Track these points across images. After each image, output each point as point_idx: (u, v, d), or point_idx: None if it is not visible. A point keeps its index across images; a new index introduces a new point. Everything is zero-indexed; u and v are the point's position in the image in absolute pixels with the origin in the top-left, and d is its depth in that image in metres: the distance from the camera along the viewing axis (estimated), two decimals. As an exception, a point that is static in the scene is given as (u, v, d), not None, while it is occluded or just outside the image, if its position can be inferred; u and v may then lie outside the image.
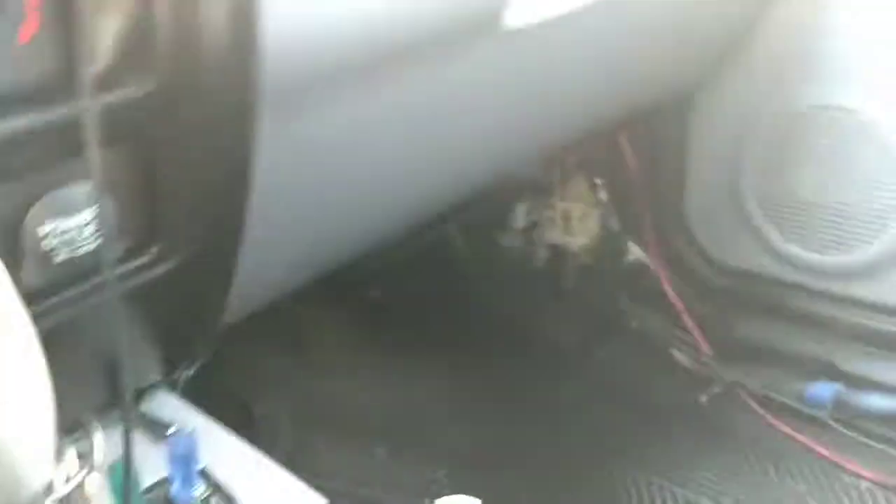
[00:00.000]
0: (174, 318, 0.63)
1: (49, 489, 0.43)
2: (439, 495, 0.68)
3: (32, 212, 0.50)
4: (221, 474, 0.61)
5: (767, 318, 1.34)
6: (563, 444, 1.26)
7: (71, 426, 0.46)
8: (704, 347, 1.36)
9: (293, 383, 1.28)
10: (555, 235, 1.49)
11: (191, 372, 0.80)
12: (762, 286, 1.34)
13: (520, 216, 1.50)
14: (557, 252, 1.49)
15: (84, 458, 0.45)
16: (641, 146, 1.39)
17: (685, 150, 1.37)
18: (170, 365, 0.72)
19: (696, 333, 1.36)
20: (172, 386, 0.76)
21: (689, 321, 1.37)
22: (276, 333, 1.24)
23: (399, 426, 1.28)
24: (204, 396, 0.82)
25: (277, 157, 0.64)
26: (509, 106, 0.92)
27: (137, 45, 0.50)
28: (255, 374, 1.24)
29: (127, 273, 0.55)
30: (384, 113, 0.76)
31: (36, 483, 0.42)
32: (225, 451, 0.64)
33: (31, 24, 0.48)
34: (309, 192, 0.74)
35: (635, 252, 1.44)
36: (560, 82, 0.98)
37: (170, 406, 0.72)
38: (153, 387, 0.72)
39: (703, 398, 1.31)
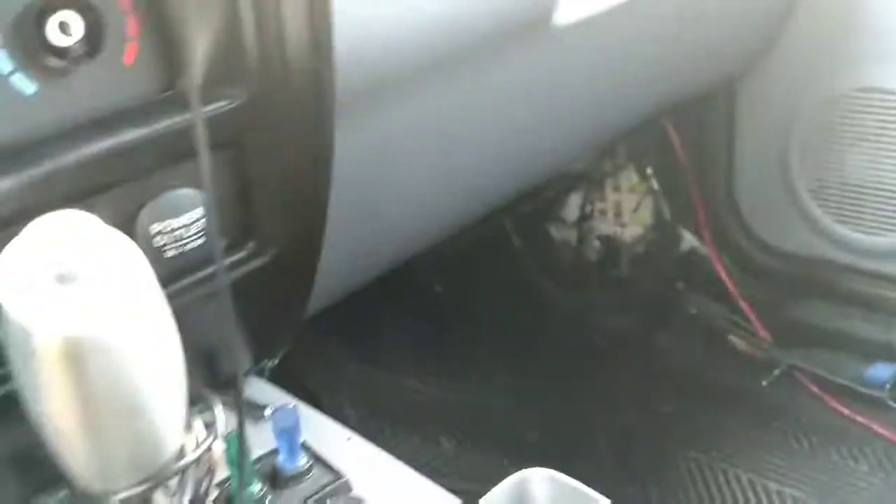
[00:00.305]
0: (264, 310, 0.69)
1: (181, 453, 0.49)
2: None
3: (144, 212, 0.57)
4: (318, 448, 0.67)
5: (823, 301, 1.36)
6: (626, 431, 1.30)
7: (192, 400, 0.52)
8: (761, 332, 1.39)
9: (359, 375, 1.34)
10: (607, 226, 1.53)
11: (275, 361, 0.86)
12: (816, 269, 1.36)
13: (572, 208, 1.55)
14: (610, 242, 1.53)
15: (209, 427, 0.52)
16: (689, 134, 1.43)
17: (733, 136, 1.39)
18: (258, 354, 0.78)
19: (753, 318, 1.39)
20: (259, 374, 0.82)
21: (745, 306, 1.40)
22: (342, 327, 1.30)
23: (462, 417, 1.32)
24: (278, 386, 0.88)
25: (350, 155, 0.70)
26: (561, 100, 0.97)
27: (229, 60, 0.56)
28: (323, 367, 1.30)
29: (227, 267, 0.62)
30: (445, 110, 0.81)
31: (171, 448, 0.48)
32: (317, 428, 0.71)
33: (132, 48, 0.54)
34: (379, 188, 0.80)
35: (688, 240, 1.48)
36: (609, 75, 1.03)
37: (261, 390, 0.78)
38: (245, 374, 0.78)
39: (763, 382, 1.33)
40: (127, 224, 0.56)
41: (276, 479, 0.65)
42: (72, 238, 0.40)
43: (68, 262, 0.39)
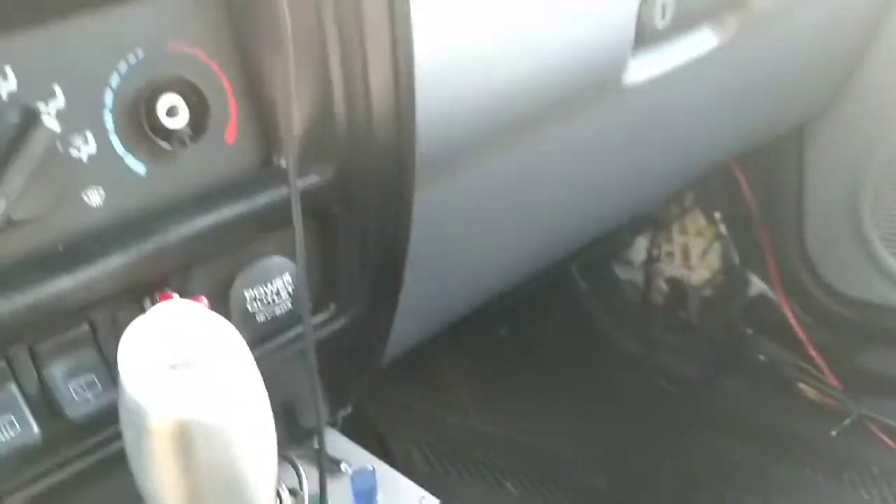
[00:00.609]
0: (342, 365, 0.73)
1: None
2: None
3: (238, 280, 0.61)
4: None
5: (894, 349, 1.36)
6: (691, 479, 1.31)
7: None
8: (831, 380, 1.39)
9: (425, 419, 1.37)
10: (674, 269, 1.54)
11: (348, 412, 0.90)
12: (887, 317, 1.36)
13: (639, 250, 1.57)
14: (677, 286, 1.55)
15: (294, 494, 0.56)
16: (758, 178, 1.44)
17: (802, 181, 1.40)
18: (334, 407, 0.82)
19: (823, 366, 1.40)
20: (332, 425, 0.86)
21: (814, 353, 1.41)
22: (409, 372, 1.34)
23: (527, 460, 1.35)
24: (348, 432, 0.92)
25: (426, 214, 0.74)
26: (632, 153, 1.00)
27: (320, 138, 0.60)
28: (390, 411, 1.34)
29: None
30: (519, 168, 0.85)
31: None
32: (391, 485, 0.74)
33: (233, 127, 0.59)
34: (453, 244, 0.83)
35: (757, 285, 1.49)
36: (679, 127, 1.06)
37: (334, 442, 0.82)
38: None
39: (832, 432, 1.34)
40: (223, 291, 0.61)
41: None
42: (185, 326, 0.44)
43: (181, 349, 0.43)
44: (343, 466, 0.78)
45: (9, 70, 0.49)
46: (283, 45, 0.53)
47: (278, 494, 0.54)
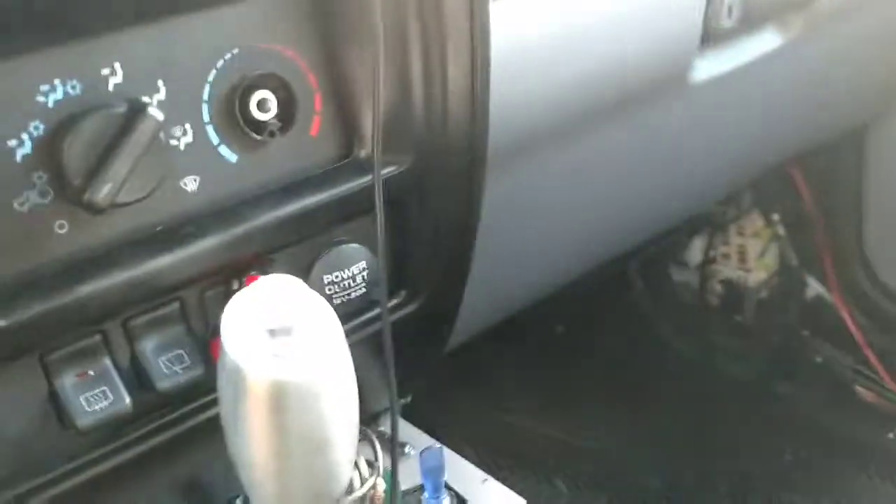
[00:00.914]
0: (408, 351, 0.77)
1: (350, 489, 0.57)
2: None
3: (318, 265, 0.65)
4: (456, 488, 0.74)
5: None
6: (745, 481, 1.32)
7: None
8: (889, 382, 1.39)
9: (478, 415, 1.40)
10: (730, 271, 1.55)
11: (408, 400, 0.94)
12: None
13: (695, 251, 1.58)
14: (733, 288, 1.56)
15: (371, 465, 0.59)
16: (816, 180, 1.45)
17: (861, 182, 1.41)
18: (398, 392, 0.86)
19: (880, 368, 1.40)
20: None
21: (872, 356, 1.41)
22: (464, 367, 1.37)
23: (578, 460, 1.37)
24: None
25: (493, 204, 0.77)
26: (694, 151, 1.02)
27: (398, 130, 0.64)
28: (442, 405, 1.37)
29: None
30: (583, 163, 0.88)
31: (343, 483, 0.56)
32: (455, 468, 0.77)
33: (317, 121, 0.63)
34: (517, 235, 0.87)
35: (814, 287, 1.49)
36: (741, 125, 1.08)
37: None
38: (384, 411, 0.86)
39: (890, 435, 1.34)
40: (303, 275, 0.65)
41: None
42: (283, 297, 0.48)
43: (279, 317, 0.47)
44: (407, 448, 0.81)
45: (117, 65, 0.53)
46: (373, 40, 0.57)
47: (356, 465, 0.58)
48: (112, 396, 0.55)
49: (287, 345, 0.47)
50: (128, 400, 0.56)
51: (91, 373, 0.55)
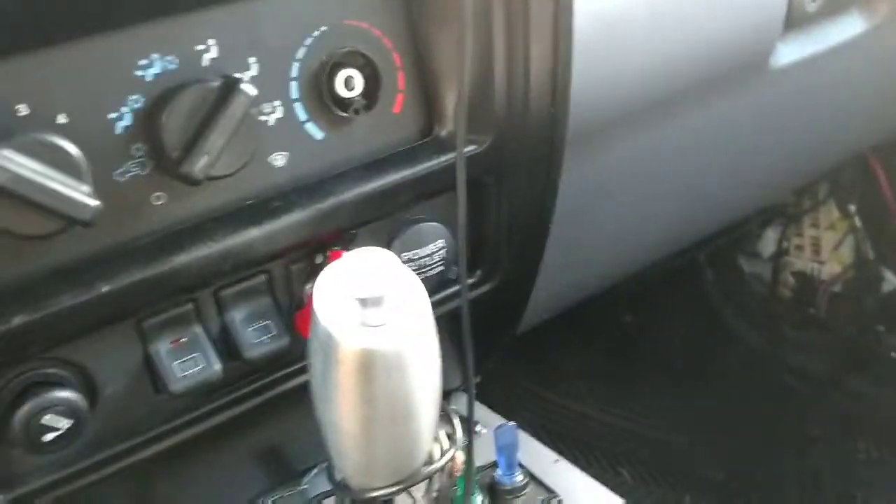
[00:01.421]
0: (482, 330, 0.79)
1: (430, 460, 0.59)
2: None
3: (396, 242, 0.68)
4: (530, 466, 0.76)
5: None
6: (814, 477, 1.32)
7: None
8: (967, 380, 1.37)
9: (543, 400, 1.42)
10: (804, 263, 1.54)
11: (478, 380, 0.96)
12: None
13: (767, 243, 1.57)
14: (806, 280, 1.55)
15: (450, 438, 0.61)
16: (896, 171, 1.43)
17: (946, 174, 1.39)
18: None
19: (958, 365, 1.38)
20: (464, 390, 0.92)
21: (949, 352, 1.39)
22: (531, 351, 1.39)
23: (644, 449, 1.38)
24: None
25: (568, 189, 0.78)
26: (772, 137, 1.02)
27: (479, 110, 0.66)
28: (510, 389, 1.39)
29: (458, 292, 0.72)
30: (658, 148, 0.89)
31: (424, 454, 0.58)
32: (527, 448, 0.79)
33: (400, 99, 0.65)
34: (589, 219, 0.88)
35: (891, 280, 1.48)
36: (821, 112, 1.07)
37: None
38: (455, 390, 0.88)
39: (967, 433, 1.32)
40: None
41: (494, 492, 0.74)
42: (374, 268, 0.51)
43: (370, 288, 0.49)
44: (478, 427, 0.83)
45: (211, 41, 0.56)
46: (459, 20, 0.59)
47: (436, 438, 0.60)
48: (203, 363, 0.58)
49: (377, 315, 0.50)
50: (218, 366, 0.59)
51: (184, 340, 0.58)
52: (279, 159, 0.60)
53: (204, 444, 0.62)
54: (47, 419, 0.52)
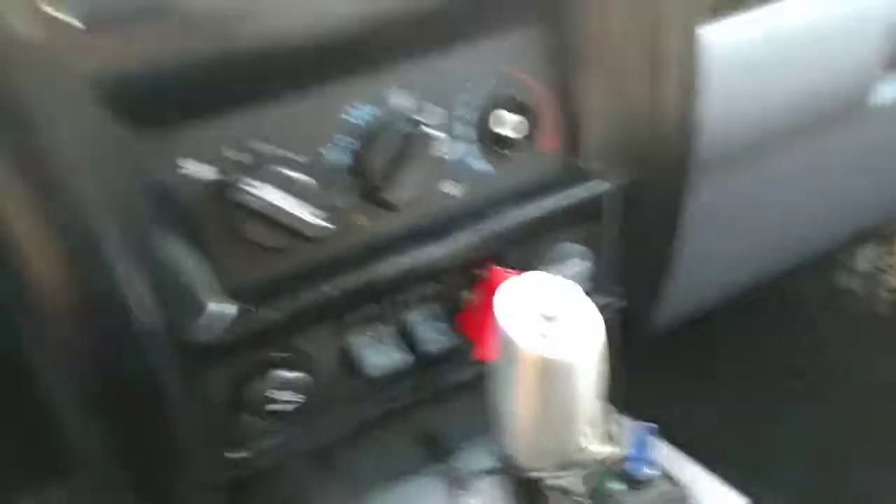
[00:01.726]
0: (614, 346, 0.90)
1: (587, 450, 0.70)
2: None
3: (541, 261, 0.79)
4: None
5: None
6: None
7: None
8: None
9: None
10: (899, 281, 1.60)
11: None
12: None
13: (862, 260, 1.64)
14: (901, 297, 1.61)
15: (613, 438, 0.72)
16: None
17: None
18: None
19: None
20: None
21: None
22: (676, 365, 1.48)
23: (734, 457, 1.44)
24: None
25: (696, 214, 0.89)
26: (873, 169, 1.11)
27: (619, 149, 0.78)
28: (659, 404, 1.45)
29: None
30: (775, 176, 0.99)
31: (582, 444, 0.68)
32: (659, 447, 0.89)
33: (550, 137, 0.77)
34: (707, 245, 0.99)
35: None
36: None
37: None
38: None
39: None
40: (528, 269, 0.79)
41: (628, 481, 0.84)
42: (552, 289, 0.62)
43: (551, 305, 0.61)
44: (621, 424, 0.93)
45: (402, 91, 0.69)
46: (601, 72, 0.71)
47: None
48: (392, 354, 0.72)
49: (556, 329, 0.60)
50: (402, 357, 0.72)
51: (375, 335, 0.72)
52: (454, 189, 0.73)
53: (387, 424, 0.75)
54: (282, 395, 0.66)
